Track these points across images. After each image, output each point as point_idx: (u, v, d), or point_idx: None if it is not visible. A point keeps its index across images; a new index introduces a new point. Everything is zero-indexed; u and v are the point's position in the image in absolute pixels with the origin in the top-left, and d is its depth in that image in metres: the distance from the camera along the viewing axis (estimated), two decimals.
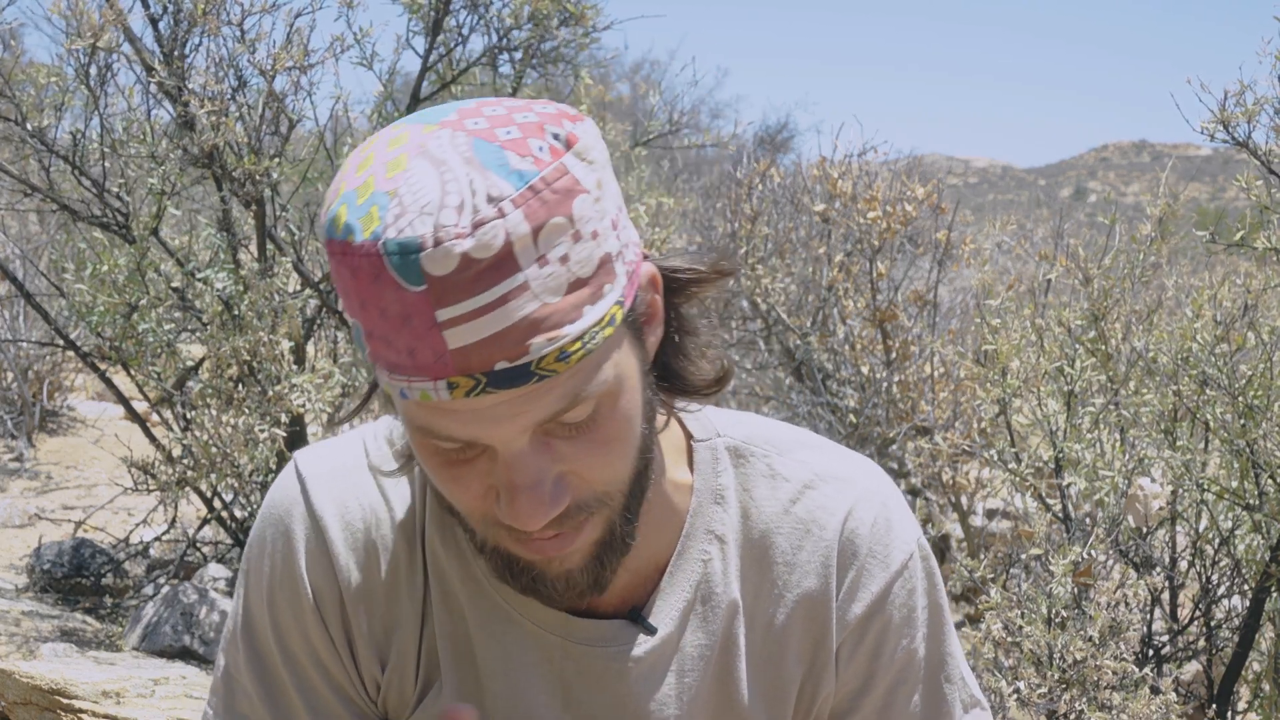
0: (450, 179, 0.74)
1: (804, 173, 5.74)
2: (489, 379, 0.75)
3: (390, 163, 0.76)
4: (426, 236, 0.73)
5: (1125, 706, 2.62)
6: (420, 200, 0.73)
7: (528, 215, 0.74)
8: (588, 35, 3.65)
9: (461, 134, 0.77)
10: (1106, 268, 3.67)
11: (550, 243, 0.75)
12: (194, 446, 3.36)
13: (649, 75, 14.75)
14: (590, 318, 0.77)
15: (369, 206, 0.74)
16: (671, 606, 0.97)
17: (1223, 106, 3.14)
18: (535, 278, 0.74)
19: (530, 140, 0.76)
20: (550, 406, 0.78)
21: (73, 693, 3.03)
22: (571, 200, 0.76)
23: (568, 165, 0.77)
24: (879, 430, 4.38)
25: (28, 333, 5.96)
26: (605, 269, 0.78)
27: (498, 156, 0.75)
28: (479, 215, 0.73)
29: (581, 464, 0.82)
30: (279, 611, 0.98)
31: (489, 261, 0.73)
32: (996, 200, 44.47)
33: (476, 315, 0.74)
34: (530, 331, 0.75)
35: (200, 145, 3.31)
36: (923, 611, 1.01)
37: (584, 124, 0.81)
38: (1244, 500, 3.20)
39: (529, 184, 0.74)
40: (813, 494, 0.99)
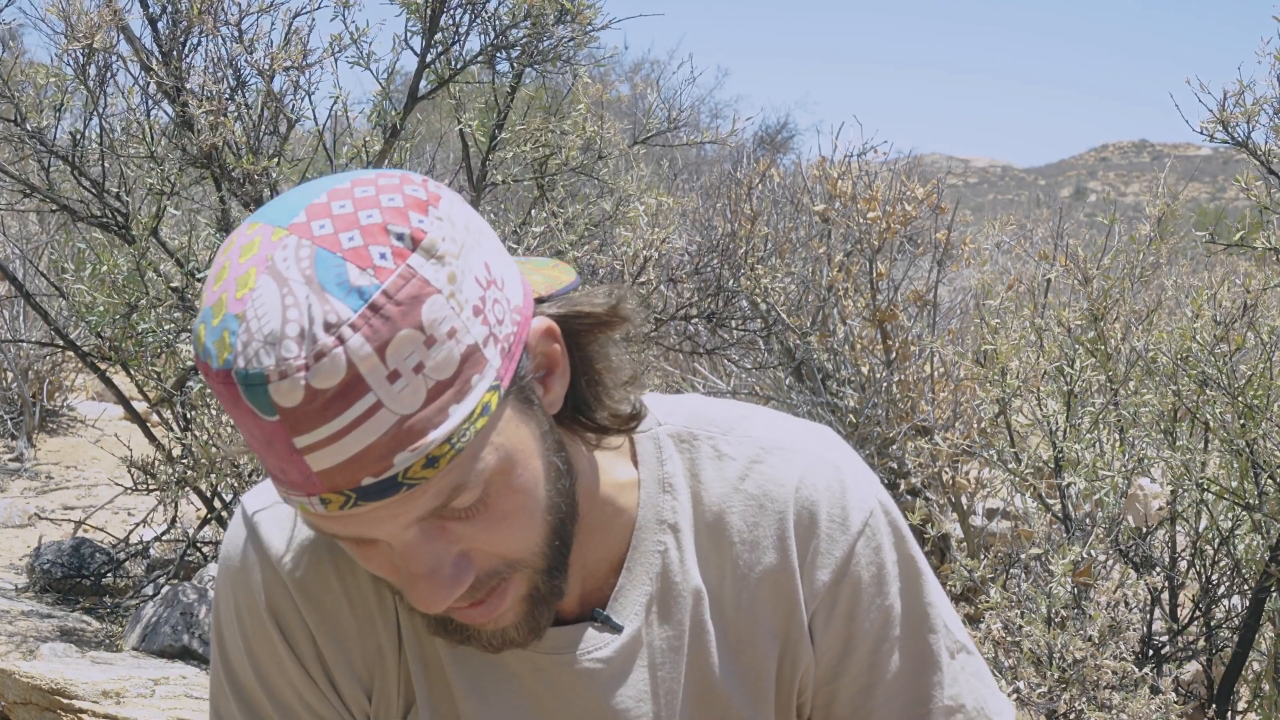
0: (291, 304, 0.72)
1: (804, 173, 5.73)
2: (358, 494, 0.75)
3: (240, 279, 0.75)
4: (271, 370, 0.72)
5: (1125, 706, 2.62)
6: (265, 328, 0.72)
7: (370, 336, 0.73)
8: (586, 34, 3.65)
9: (306, 244, 0.75)
10: (1106, 268, 3.66)
11: (400, 356, 0.73)
12: (194, 446, 3.36)
13: (648, 75, 14.74)
14: (457, 417, 0.76)
15: (221, 330, 0.74)
16: (633, 602, 0.96)
17: (1222, 106, 3.14)
18: (388, 394, 0.73)
19: (371, 247, 0.74)
20: (428, 505, 0.78)
21: (73, 693, 3.03)
22: (419, 306, 0.74)
23: (414, 268, 0.75)
24: (879, 430, 4.38)
25: (28, 333, 5.96)
26: (470, 361, 0.77)
27: (337, 272, 0.73)
28: (318, 345, 0.72)
29: (481, 541, 0.82)
30: (257, 659, 0.98)
31: (335, 390, 0.72)
32: (996, 200, 44.46)
33: (333, 440, 0.73)
34: (392, 447, 0.74)
35: (199, 145, 3.31)
36: (893, 567, 0.99)
37: (436, 208, 0.78)
38: (1244, 500, 3.20)
39: (369, 302, 0.73)
40: (760, 468, 0.97)
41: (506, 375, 0.79)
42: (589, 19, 3.58)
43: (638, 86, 14.26)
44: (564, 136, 3.82)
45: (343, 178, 0.80)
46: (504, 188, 3.99)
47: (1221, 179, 53.73)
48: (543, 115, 3.86)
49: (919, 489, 4.41)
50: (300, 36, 3.41)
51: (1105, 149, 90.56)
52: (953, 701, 1.01)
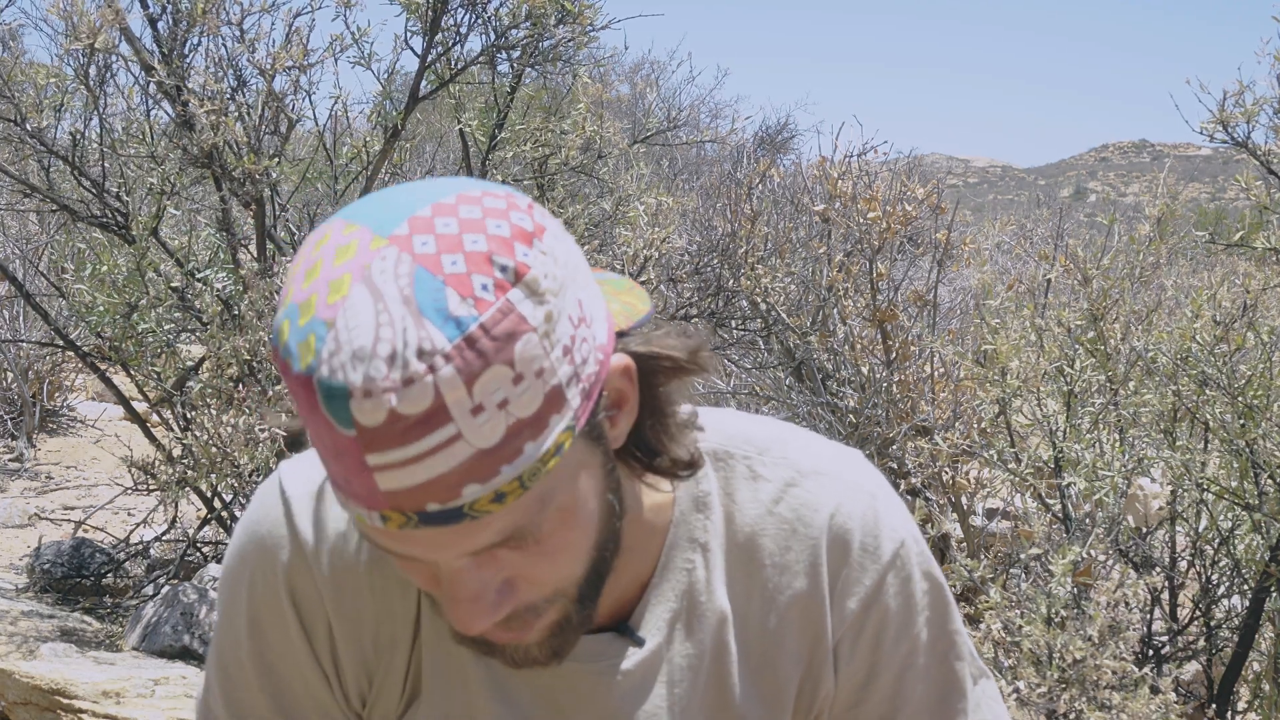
0: (385, 322, 0.72)
1: (804, 173, 5.74)
2: (420, 518, 0.75)
3: (334, 283, 0.74)
4: (356, 386, 0.71)
5: (1125, 706, 2.62)
6: (355, 342, 0.72)
7: (461, 369, 0.72)
8: (586, 34, 3.65)
9: (406, 260, 0.73)
10: (1106, 268, 3.67)
11: (487, 391, 0.73)
12: (194, 446, 3.36)
13: (648, 75, 14.73)
14: (531, 455, 0.76)
15: (308, 333, 0.73)
16: (657, 617, 0.96)
17: (1222, 106, 3.14)
18: (469, 427, 0.73)
19: (475, 276, 0.73)
20: (487, 539, 0.78)
21: (73, 693, 3.03)
22: (514, 344, 0.73)
23: (514, 303, 0.74)
24: (879, 430, 4.38)
25: (28, 333, 5.96)
26: (553, 401, 0.76)
27: (436, 297, 0.72)
28: (409, 370, 0.71)
29: (528, 572, 0.82)
30: (264, 633, 0.99)
31: (419, 417, 0.72)
32: (996, 200, 44.49)
33: (407, 464, 0.73)
34: (463, 478, 0.74)
35: (200, 145, 3.31)
36: (922, 597, 1.00)
37: (541, 241, 0.77)
38: (1244, 500, 3.20)
39: (465, 334, 0.72)
40: (796, 491, 0.97)
41: (583, 416, 0.79)
42: (589, 19, 3.59)
43: (638, 86, 14.25)
44: (564, 136, 3.83)
45: (446, 189, 0.78)
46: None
47: (1221, 179, 53.77)
48: (543, 115, 3.86)
49: (919, 489, 4.41)
50: (301, 36, 3.41)
51: (1105, 149, 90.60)
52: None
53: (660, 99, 12.67)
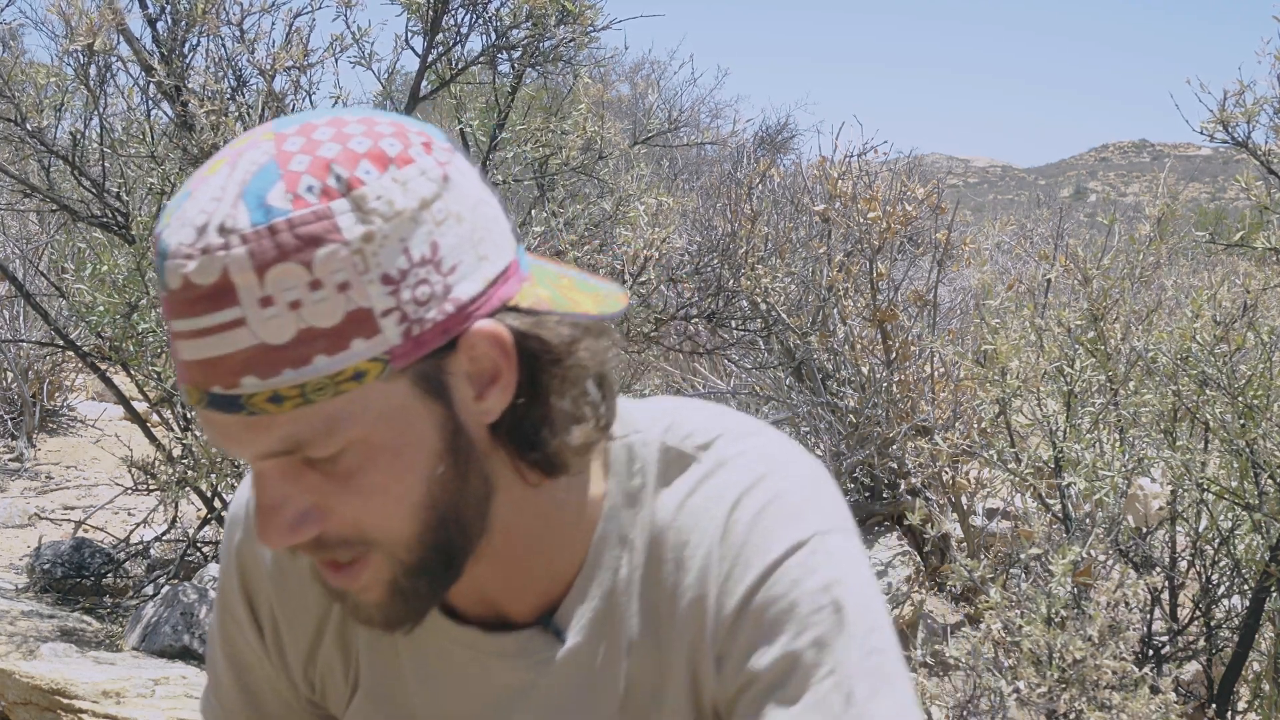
0: (217, 197, 0.76)
1: (804, 173, 5.74)
2: (208, 399, 0.77)
3: (214, 162, 0.79)
4: (169, 248, 0.76)
5: (1125, 706, 2.62)
6: (189, 210, 0.76)
7: (254, 253, 0.74)
8: (587, 34, 3.65)
9: (269, 153, 0.77)
10: (1106, 268, 3.67)
11: (279, 285, 0.74)
12: (194, 446, 3.36)
13: (649, 75, 14.73)
14: (320, 369, 0.76)
15: (174, 201, 0.78)
16: (581, 615, 0.94)
17: (1222, 106, 3.14)
18: (255, 316, 0.74)
19: (307, 176, 0.76)
20: (272, 444, 0.78)
21: (73, 693, 3.03)
22: (316, 249, 0.74)
23: (332, 211, 0.75)
24: (879, 430, 4.38)
25: (28, 333, 5.96)
26: (359, 324, 0.76)
27: (264, 185, 0.75)
28: (206, 241, 0.74)
29: (333, 503, 0.81)
30: (225, 612, 1.04)
31: (207, 289, 0.74)
32: (996, 200, 44.50)
33: (195, 336, 0.76)
34: (243, 367, 0.75)
35: (200, 145, 3.31)
36: (812, 612, 0.86)
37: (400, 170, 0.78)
38: (1244, 500, 3.20)
39: (269, 222, 0.74)
40: (705, 487, 0.92)
41: (405, 356, 0.78)
42: (590, 20, 3.59)
43: (638, 87, 14.25)
44: (564, 136, 3.83)
45: (362, 114, 0.82)
46: (504, 187, 3.99)
47: (1221, 179, 53.78)
48: (543, 115, 3.86)
49: (919, 489, 4.41)
50: (301, 36, 3.41)
51: (1105, 149, 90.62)
52: None
53: (661, 99, 12.67)
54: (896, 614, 4.17)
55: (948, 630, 4.08)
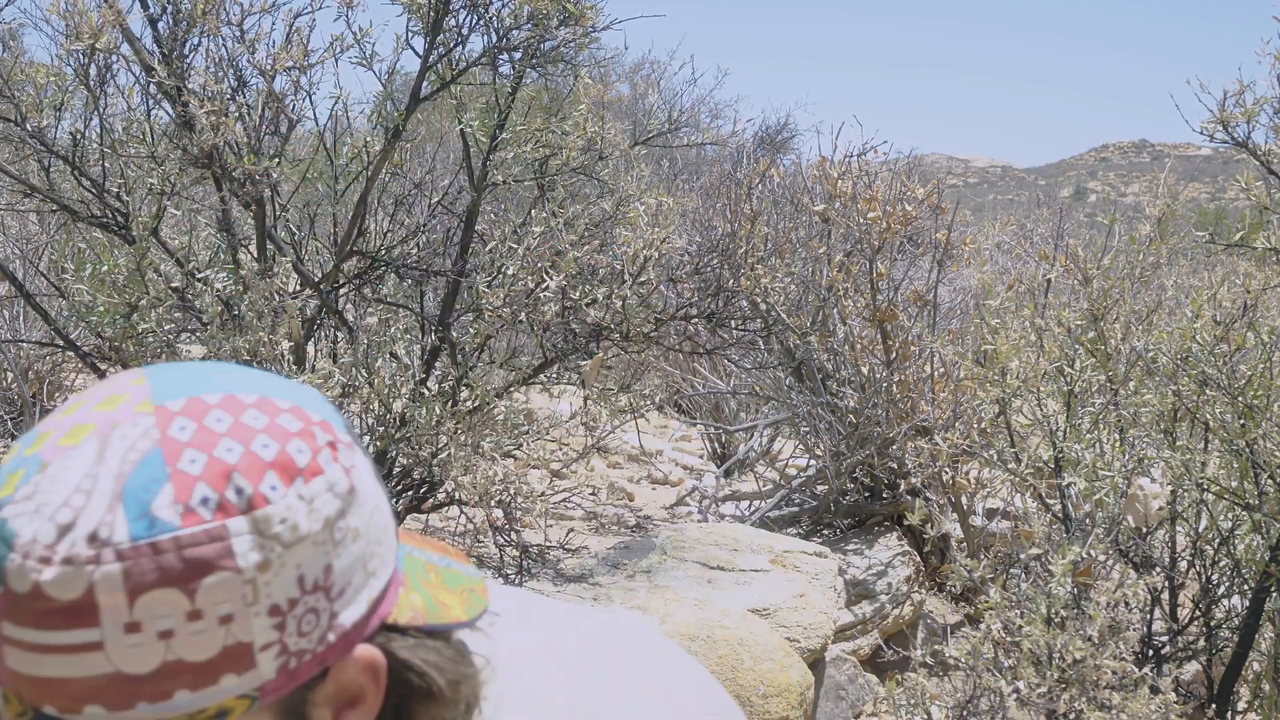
0: (86, 488, 0.65)
1: (804, 173, 5.74)
2: (35, 716, 0.67)
3: (77, 427, 0.68)
4: (19, 541, 0.64)
5: (1125, 706, 2.62)
6: (47, 494, 0.65)
7: (129, 574, 0.63)
8: (587, 35, 3.65)
9: (154, 436, 0.67)
10: (1106, 268, 3.67)
11: (151, 612, 0.64)
12: None
13: (649, 75, 14.73)
14: (182, 705, 0.66)
15: (20, 466, 0.67)
16: None
17: (1222, 106, 3.15)
18: (115, 642, 0.64)
19: (200, 485, 0.66)
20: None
21: None
22: (204, 576, 0.65)
23: (228, 532, 0.65)
24: (879, 430, 4.38)
25: (28, 333, 5.97)
26: (233, 659, 0.67)
27: (149, 488, 0.65)
28: (72, 550, 0.63)
29: None
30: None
31: (62, 604, 0.64)
32: (996, 200, 44.49)
33: (34, 650, 0.65)
34: (89, 695, 0.65)
35: (200, 145, 3.31)
36: None
37: (307, 484, 0.69)
38: (1244, 500, 3.20)
39: (153, 539, 0.64)
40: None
41: (274, 690, 0.70)
42: (590, 20, 3.59)
43: (638, 87, 14.26)
44: (565, 137, 3.83)
45: (258, 387, 0.72)
46: (504, 188, 3.99)
47: (1221, 179, 53.76)
48: (544, 116, 3.86)
49: (919, 489, 4.41)
50: (301, 36, 3.41)
51: (1105, 149, 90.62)
52: None
53: (661, 100, 12.67)
54: (896, 614, 4.17)
55: (948, 630, 4.08)
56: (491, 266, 3.85)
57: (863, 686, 3.83)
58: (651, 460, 6.76)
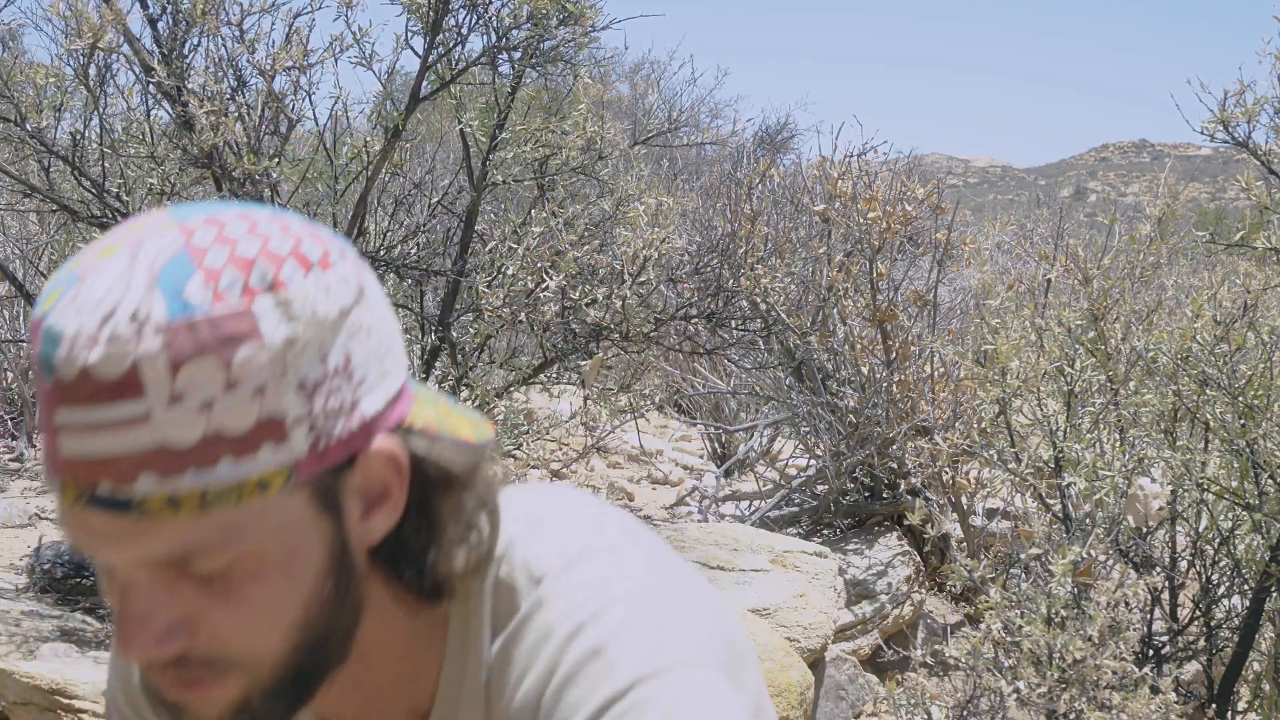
0: (122, 284, 0.70)
1: (804, 173, 5.74)
2: (90, 498, 0.71)
3: (107, 248, 0.73)
4: (65, 334, 0.70)
5: (1125, 706, 2.62)
6: (86, 296, 0.70)
7: (168, 347, 0.69)
8: (587, 35, 3.65)
9: (178, 242, 0.72)
10: (1106, 268, 3.67)
11: (191, 384, 0.69)
12: None
13: (649, 75, 14.73)
14: (224, 475, 0.71)
15: (58, 285, 0.72)
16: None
17: (1223, 106, 3.15)
18: (160, 414, 0.69)
19: (228, 272, 0.71)
20: (157, 552, 0.72)
21: (73, 693, 3.03)
22: (236, 347, 0.70)
23: (255, 311, 0.71)
24: (879, 430, 4.38)
25: (28, 333, 5.96)
26: (269, 431, 0.72)
27: (180, 278, 0.70)
28: (115, 330, 0.69)
29: (208, 619, 0.76)
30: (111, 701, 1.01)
31: (110, 382, 0.69)
32: (996, 200, 44.52)
33: (86, 430, 0.70)
34: (140, 466, 0.70)
35: (200, 145, 3.31)
36: None
37: (323, 274, 0.75)
38: (1244, 500, 3.20)
39: (188, 316, 0.69)
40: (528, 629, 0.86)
41: (308, 468, 0.74)
42: (590, 20, 3.59)
43: (638, 87, 14.26)
44: (564, 137, 3.83)
45: (269, 213, 0.78)
46: (504, 188, 3.99)
47: (1221, 179, 53.80)
48: (543, 115, 3.86)
49: (919, 489, 4.41)
50: (301, 36, 3.41)
51: (1105, 149, 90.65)
52: None
53: (661, 99, 12.67)
54: (896, 614, 4.18)
55: (948, 630, 4.08)
56: (491, 266, 3.85)
57: (863, 686, 3.83)
58: (651, 460, 6.76)
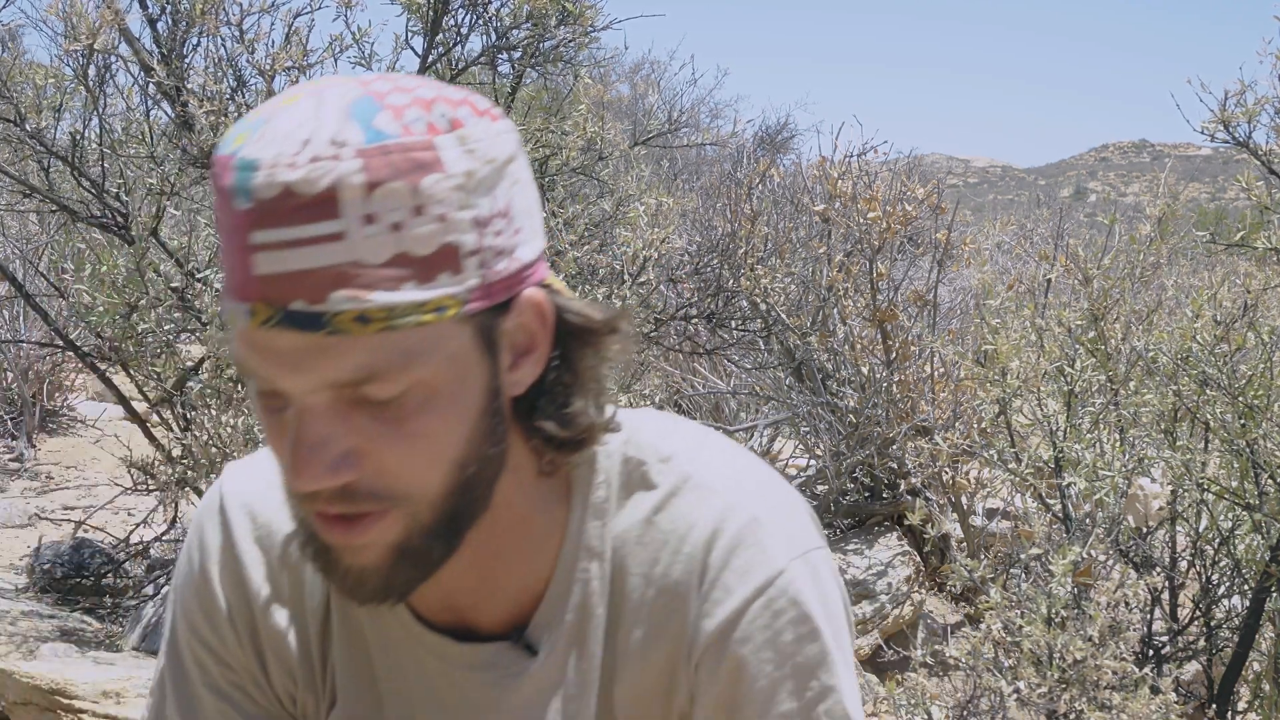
0: (315, 119, 0.75)
1: (804, 173, 5.74)
2: (283, 315, 0.74)
3: (289, 96, 0.78)
4: (264, 160, 0.74)
5: (1125, 706, 2.62)
6: (280, 129, 0.75)
7: (366, 168, 0.74)
8: (587, 35, 3.65)
9: (358, 89, 0.77)
10: (1106, 268, 3.67)
11: (384, 205, 0.74)
12: (194, 446, 3.36)
13: (648, 75, 14.73)
14: (409, 296, 0.75)
15: (245, 127, 0.77)
16: (553, 628, 0.93)
17: (1223, 106, 3.15)
18: (355, 231, 0.74)
19: (411, 110, 0.77)
20: (344, 371, 0.76)
21: (73, 693, 3.03)
22: (424, 174, 0.75)
23: (437, 143, 0.76)
24: (879, 430, 4.38)
25: (28, 333, 5.96)
26: (447, 258, 0.77)
27: (370, 112, 0.75)
28: (315, 150, 0.73)
29: (379, 447, 0.79)
30: (193, 616, 0.99)
31: (310, 199, 0.73)
32: (996, 200, 44.51)
33: (284, 246, 0.74)
34: (335, 282, 0.74)
35: (199, 145, 3.31)
36: (794, 638, 0.90)
37: (494, 123, 0.80)
38: (1244, 500, 3.20)
39: (382, 143, 0.74)
40: (675, 502, 0.92)
41: (478, 301, 0.79)
42: (590, 20, 3.59)
43: (638, 87, 14.25)
44: (564, 137, 3.83)
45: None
46: None
47: (1222, 179, 53.80)
48: (543, 115, 3.86)
49: (919, 489, 4.40)
50: (301, 37, 3.41)
51: (1105, 149, 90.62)
52: None
53: (661, 100, 12.67)
54: (896, 614, 4.17)
55: (948, 630, 4.08)
56: None
57: (863, 686, 3.83)
58: None
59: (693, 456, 0.94)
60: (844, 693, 0.93)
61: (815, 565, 0.93)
